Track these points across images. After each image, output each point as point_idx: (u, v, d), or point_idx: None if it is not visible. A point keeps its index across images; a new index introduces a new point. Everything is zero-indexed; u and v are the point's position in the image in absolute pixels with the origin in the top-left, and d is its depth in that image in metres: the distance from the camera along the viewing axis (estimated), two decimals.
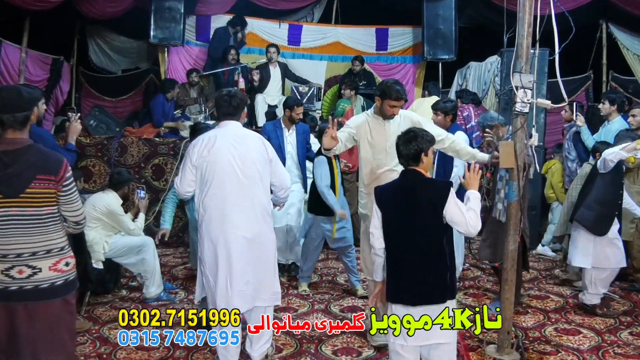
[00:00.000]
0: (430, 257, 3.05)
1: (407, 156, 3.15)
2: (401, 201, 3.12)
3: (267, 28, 9.69)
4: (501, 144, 3.96)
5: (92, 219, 5.04)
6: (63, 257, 2.97)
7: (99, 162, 6.82)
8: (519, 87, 3.81)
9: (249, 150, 3.66)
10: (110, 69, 10.08)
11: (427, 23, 9.10)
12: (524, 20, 3.84)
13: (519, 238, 4.07)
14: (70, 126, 4.40)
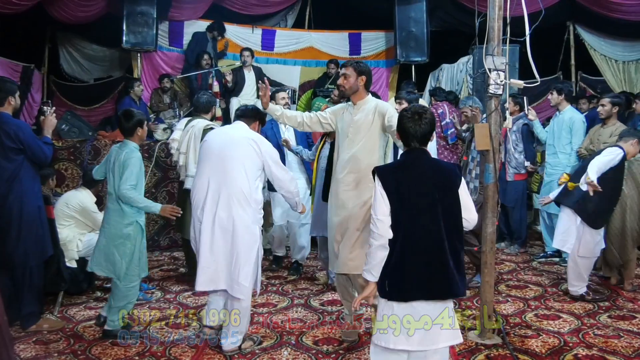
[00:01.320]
0: (452, 243, 2.75)
1: (418, 135, 2.83)
2: (416, 182, 2.79)
3: (241, 33, 9.66)
4: (476, 126, 3.97)
5: (66, 217, 4.93)
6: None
7: (71, 165, 6.67)
8: (492, 70, 3.83)
9: (235, 144, 3.87)
10: (82, 77, 9.93)
11: (399, 26, 9.19)
12: (495, 4, 3.87)
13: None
14: (45, 120, 4.34)
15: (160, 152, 6.76)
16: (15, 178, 4.14)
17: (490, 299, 4.06)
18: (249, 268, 3.78)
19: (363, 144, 3.88)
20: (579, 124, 5.92)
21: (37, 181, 4.35)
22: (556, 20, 9.20)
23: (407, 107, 2.98)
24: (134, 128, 4.18)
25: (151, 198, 6.58)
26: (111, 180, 4.13)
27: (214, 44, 9.04)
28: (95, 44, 9.78)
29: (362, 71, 3.95)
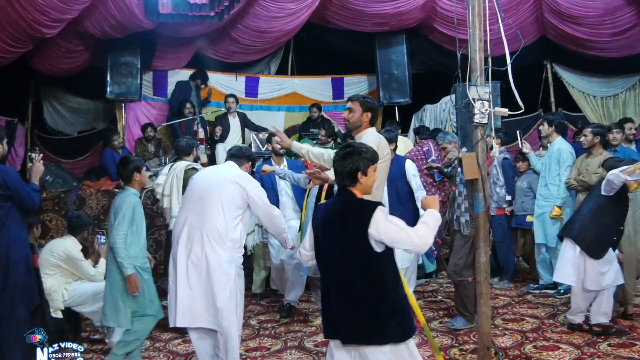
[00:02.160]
0: (362, 288, 2.74)
1: (342, 174, 2.85)
2: (330, 223, 2.86)
3: (224, 81, 9.78)
4: (464, 156, 4.00)
5: (50, 266, 4.85)
6: None
7: (55, 216, 6.60)
8: (476, 99, 3.90)
9: (217, 183, 3.90)
10: (65, 130, 9.92)
11: (380, 69, 9.37)
12: (475, 36, 3.97)
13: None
14: (32, 167, 4.30)
15: (146, 199, 6.69)
16: (3, 225, 4.03)
17: (487, 331, 4.01)
18: (225, 306, 3.73)
19: None
20: (567, 154, 5.98)
21: (24, 229, 4.27)
22: (534, 59, 9.46)
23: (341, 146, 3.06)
24: (131, 174, 4.28)
25: None
26: (111, 227, 4.22)
27: (198, 92, 9.14)
28: (79, 96, 9.78)
29: (369, 107, 3.90)
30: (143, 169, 4.37)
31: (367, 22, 8.93)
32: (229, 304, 3.75)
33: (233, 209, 3.82)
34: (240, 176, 3.97)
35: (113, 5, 7.10)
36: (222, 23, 8.22)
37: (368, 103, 3.93)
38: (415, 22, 8.97)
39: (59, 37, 7.43)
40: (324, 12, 8.88)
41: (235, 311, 3.79)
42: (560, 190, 5.97)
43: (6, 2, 6.09)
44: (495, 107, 3.88)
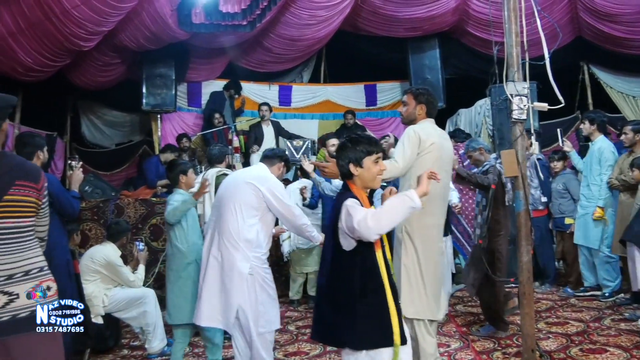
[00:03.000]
0: (327, 287, 2.69)
1: (339, 168, 2.79)
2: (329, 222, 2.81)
3: (258, 90, 9.88)
4: (502, 153, 3.91)
5: (91, 272, 4.90)
6: (44, 279, 2.56)
7: (95, 225, 6.70)
8: (514, 95, 3.82)
9: (235, 186, 3.96)
10: (103, 143, 10.13)
11: (414, 74, 9.31)
12: (511, 31, 3.90)
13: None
14: (72, 175, 4.39)
15: None
16: None
17: (531, 332, 3.89)
18: (241, 304, 3.72)
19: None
20: (608, 154, 5.82)
21: (64, 235, 4.36)
22: (570, 60, 9.30)
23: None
24: (177, 176, 4.51)
25: None
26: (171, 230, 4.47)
27: (231, 102, 9.23)
28: (115, 109, 10.02)
29: (423, 99, 3.75)
30: (189, 171, 4.54)
31: (399, 27, 8.90)
32: (246, 303, 3.72)
33: (248, 209, 3.82)
34: (258, 177, 3.94)
35: (147, 17, 7.22)
36: (255, 32, 8.29)
37: (422, 95, 3.76)
38: (448, 26, 8.90)
39: (96, 50, 7.58)
40: (355, 18, 8.89)
41: (254, 309, 3.74)
42: (602, 190, 5.81)
43: (44, 17, 6.24)
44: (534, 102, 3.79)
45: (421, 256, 3.55)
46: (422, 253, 3.55)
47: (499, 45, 4.06)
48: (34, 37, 6.44)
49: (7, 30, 6.19)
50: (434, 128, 3.73)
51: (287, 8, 8.44)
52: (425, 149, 3.53)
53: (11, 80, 7.19)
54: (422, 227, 3.56)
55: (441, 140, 3.67)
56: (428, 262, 3.56)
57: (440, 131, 3.79)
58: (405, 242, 3.55)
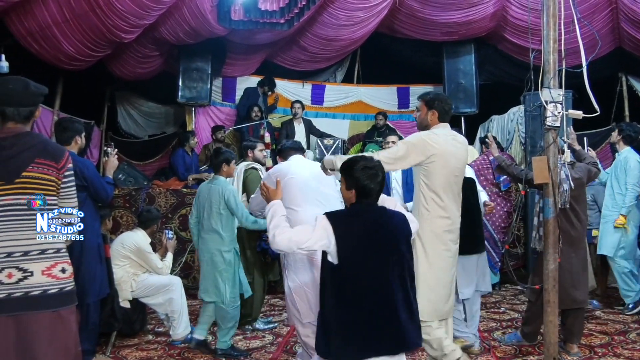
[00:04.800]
0: (404, 293, 2.79)
1: (380, 190, 2.92)
2: (367, 234, 2.81)
3: (291, 88, 9.96)
4: (534, 159, 3.90)
5: (121, 257, 5.01)
6: (59, 260, 2.62)
7: (126, 212, 6.86)
8: (549, 102, 3.80)
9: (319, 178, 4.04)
10: (137, 134, 10.30)
11: (448, 78, 9.28)
12: (549, 37, 3.88)
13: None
14: (108, 161, 4.51)
15: None
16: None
17: (554, 340, 3.88)
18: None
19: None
20: (633, 163, 5.75)
21: (97, 219, 4.45)
22: (608, 71, 9.17)
23: (361, 163, 2.86)
24: (220, 164, 4.68)
25: None
26: (207, 214, 4.62)
27: (265, 99, 9.30)
28: (152, 101, 10.20)
29: (433, 105, 3.76)
30: (232, 162, 4.72)
31: (436, 31, 8.88)
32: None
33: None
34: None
35: (187, 12, 7.35)
36: (292, 31, 8.36)
37: (432, 101, 3.77)
38: (485, 32, 8.84)
39: (136, 42, 7.74)
40: (392, 21, 8.89)
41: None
42: (627, 198, 5.73)
43: (89, 8, 6.40)
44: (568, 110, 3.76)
45: (433, 261, 3.61)
46: (436, 258, 3.62)
47: (536, 52, 4.05)
48: (77, 27, 6.61)
49: (53, 20, 6.37)
50: (443, 133, 3.71)
51: (325, 8, 8.49)
52: (428, 158, 3.58)
53: (53, 68, 7.40)
54: (434, 233, 3.62)
55: (446, 146, 3.64)
56: (441, 266, 3.64)
57: (450, 136, 3.73)
58: (416, 245, 3.57)
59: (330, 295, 2.73)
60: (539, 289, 4.43)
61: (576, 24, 3.80)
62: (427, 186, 3.65)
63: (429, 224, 3.60)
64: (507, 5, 8.46)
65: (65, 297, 2.61)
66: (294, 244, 2.76)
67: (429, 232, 3.61)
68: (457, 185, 3.73)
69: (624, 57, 9.04)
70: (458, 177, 3.73)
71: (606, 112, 9.39)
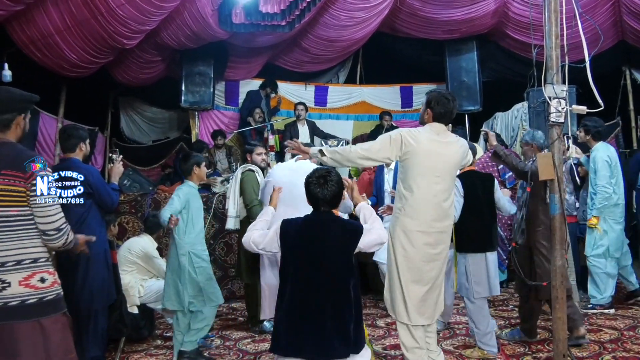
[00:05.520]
0: (335, 305, 2.88)
1: (330, 197, 3.06)
2: (312, 243, 2.98)
3: (294, 90, 9.98)
4: (539, 156, 3.90)
5: (128, 263, 5.04)
6: (37, 270, 2.62)
7: (132, 218, 6.87)
8: (552, 97, 3.80)
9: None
10: (141, 140, 10.37)
11: (450, 76, 9.28)
12: (551, 33, 3.87)
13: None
14: (113, 167, 4.54)
15: (218, 203, 6.89)
16: (84, 222, 4.22)
17: (563, 337, 3.86)
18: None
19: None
20: (601, 163, 5.66)
21: (103, 226, 4.48)
22: (612, 65, 9.14)
23: (312, 171, 3.09)
24: (191, 167, 4.58)
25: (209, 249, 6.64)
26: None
27: (267, 101, 9.33)
28: (155, 106, 10.27)
29: (428, 104, 3.75)
30: (202, 164, 4.66)
31: (437, 29, 8.87)
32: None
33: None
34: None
35: (189, 16, 7.37)
36: (293, 32, 8.37)
37: (429, 101, 3.75)
38: (487, 29, 8.84)
39: (138, 48, 7.77)
40: (393, 20, 8.89)
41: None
42: (596, 200, 5.67)
43: (90, 15, 6.43)
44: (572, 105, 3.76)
45: (400, 259, 3.59)
46: (403, 257, 3.58)
47: (539, 48, 4.04)
48: (79, 34, 6.65)
49: (55, 28, 6.41)
50: (429, 131, 3.68)
51: (326, 9, 8.50)
52: (405, 154, 3.59)
53: (56, 76, 7.45)
54: (404, 232, 3.59)
55: (427, 145, 3.60)
56: (409, 266, 3.58)
57: (436, 135, 3.67)
58: (388, 244, 3.59)
59: (278, 294, 3.00)
60: (527, 286, 4.53)
61: (578, 19, 3.80)
62: (401, 183, 3.68)
63: (399, 222, 3.61)
64: (509, 1, 8.45)
65: (46, 306, 2.62)
66: (254, 245, 3.11)
67: (399, 230, 3.59)
68: (438, 186, 3.61)
69: (627, 50, 9.02)
70: (440, 177, 3.61)
71: (610, 106, 9.37)
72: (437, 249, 3.63)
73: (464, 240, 4.51)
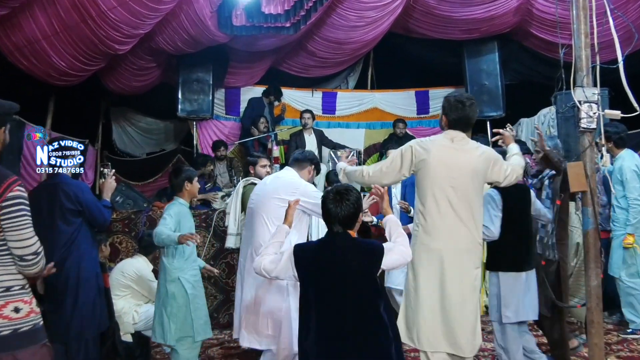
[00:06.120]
0: (370, 331, 2.92)
1: (343, 217, 3.06)
2: (331, 267, 2.99)
3: (300, 97, 10.01)
4: (569, 165, 3.88)
5: (121, 287, 5.04)
6: (11, 300, 2.61)
7: (125, 238, 6.87)
8: (583, 102, 3.78)
9: (265, 196, 4.20)
10: (134, 152, 10.39)
11: (470, 79, 9.26)
12: (580, 31, 3.87)
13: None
14: (104, 183, 4.55)
15: (218, 220, 6.88)
16: (74, 242, 4.25)
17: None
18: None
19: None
20: (630, 174, 5.59)
21: (94, 246, 4.50)
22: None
23: (332, 187, 3.12)
24: (182, 183, 4.58)
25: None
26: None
27: (271, 109, 9.35)
28: (149, 116, 10.31)
29: (444, 111, 3.79)
30: (194, 180, 4.66)
31: (455, 29, 8.87)
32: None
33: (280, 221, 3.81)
34: (286, 186, 4.08)
35: (186, 19, 7.40)
36: (298, 35, 8.39)
37: (444, 107, 3.80)
38: (509, 27, 8.82)
39: (131, 53, 7.81)
40: (407, 19, 8.90)
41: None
42: (630, 215, 5.61)
43: (80, 19, 6.46)
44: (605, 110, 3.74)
45: (420, 280, 3.60)
46: (423, 277, 3.59)
47: (566, 48, 4.04)
48: (68, 40, 6.68)
49: (42, 33, 6.45)
50: (443, 139, 3.72)
51: (334, 9, 8.53)
52: (417, 165, 3.65)
53: (44, 85, 7.48)
54: (423, 249, 3.61)
55: (440, 153, 3.63)
56: (427, 288, 3.58)
57: (451, 142, 3.69)
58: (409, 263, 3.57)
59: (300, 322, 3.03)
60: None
61: (609, 16, 3.79)
62: (418, 198, 3.71)
63: (418, 239, 3.64)
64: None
65: (22, 338, 2.61)
66: (266, 272, 3.12)
67: (418, 248, 3.61)
68: (455, 197, 3.59)
69: None
70: (455, 188, 3.59)
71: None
72: (460, 269, 3.58)
73: (496, 257, 4.38)
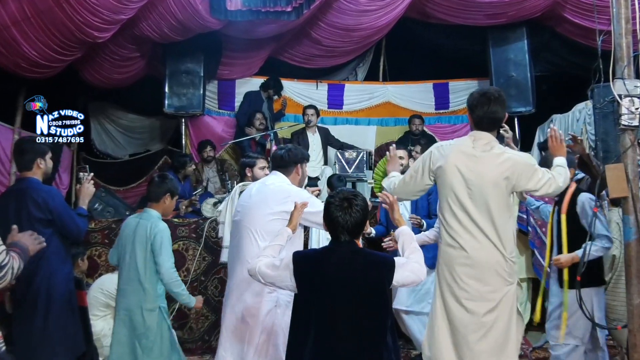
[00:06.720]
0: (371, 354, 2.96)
1: (352, 225, 3.08)
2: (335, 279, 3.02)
3: (303, 90, 10.03)
4: (608, 168, 3.85)
5: (100, 306, 5.05)
6: None
7: (105, 250, 6.82)
8: (623, 96, 3.76)
9: (252, 209, 4.05)
10: (115, 153, 10.37)
11: (495, 70, 9.26)
12: (620, 16, 3.86)
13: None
14: (81, 188, 4.55)
15: (210, 230, 6.87)
16: (42, 256, 4.12)
17: None
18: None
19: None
20: None
21: (67, 260, 4.48)
22: None
23: (337, 191, 3.14)
24: (162, 194, 4.52)
25: (200, 287, 6.69)
26: (129, 257, 4.41)
27: (270, 104, 9.35)
28: (132, 112, 10.29)
29: (469, 110, 3.85)
30: (176, 197, 4.65)
31: (478, 12, 8.84)
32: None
33: (270, 235, 3.82)
34: (275, 195, 3.99)
35: (174, 3, 7.39)
36: (301, 20, 8.39)
37: (469, 106, 3.84)
38: (540, 11, 8.79)
39: (112, 42, 7.81)
40: (424, 3, 8.89)
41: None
42: None
43: (54, 2, 6.46)
44: None
45: (446, 298, 3.65)
46: (450, 294, 3.64)
47: (605, 35, 4.02)
48: (40, 26, 6.66)
49: (11, 19, 6.42)
50: (463, 142, 3.77)
51: None
52: (434, 172, 3.75)
53: (13, 77, 7.47)
54: (446, 264, 3.67)
55: (457, 158, 3.68)
56: (443, 302, 3.66)
57: (473, 146, 3.71)
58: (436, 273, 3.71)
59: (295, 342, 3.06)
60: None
61: None
62: (438, 208, 3.80)
63: (441, 253, 3.71)
64: None
65: None
66: (261, 277, 3.15)
67: (441, 262, 3.69)
68: (472, 206, 3.62)
69: None
70: (474, 199, 3.61)
71: None
72: (489, 286, 3.58)
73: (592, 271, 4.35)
